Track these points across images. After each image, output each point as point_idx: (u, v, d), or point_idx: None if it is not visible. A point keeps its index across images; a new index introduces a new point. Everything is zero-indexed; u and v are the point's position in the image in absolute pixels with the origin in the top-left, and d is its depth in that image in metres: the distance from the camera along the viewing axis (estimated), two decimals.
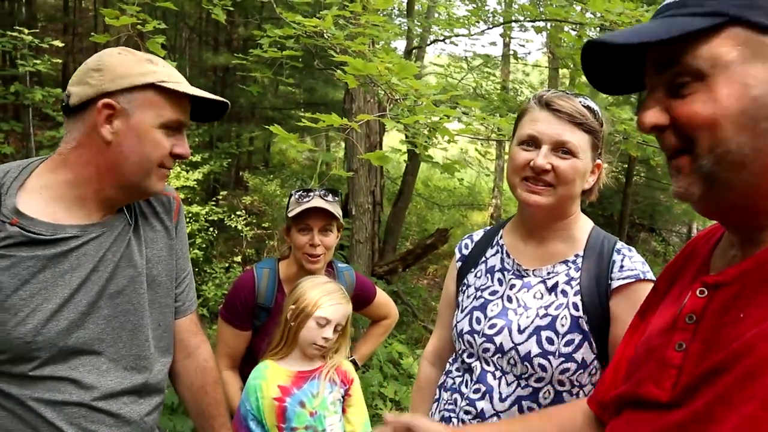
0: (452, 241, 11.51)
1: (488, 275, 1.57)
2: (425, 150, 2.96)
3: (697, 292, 0.83)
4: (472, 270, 1.62)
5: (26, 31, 5.88)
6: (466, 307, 1.56)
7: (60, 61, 7.20)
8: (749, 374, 0.69)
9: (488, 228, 1.73)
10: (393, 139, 10.40)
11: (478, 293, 1.56)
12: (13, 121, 8.02)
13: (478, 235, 1.71)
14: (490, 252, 1.61)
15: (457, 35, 6.92)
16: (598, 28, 4.16)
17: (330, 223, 2.10)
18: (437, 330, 1.78)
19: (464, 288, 1.62)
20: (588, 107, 1.44)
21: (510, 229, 1.61)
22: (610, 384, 1.05)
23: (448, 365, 1.64)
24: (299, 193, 2.12)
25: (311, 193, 2.10)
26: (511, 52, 9.55)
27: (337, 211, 2.10)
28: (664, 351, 0.83)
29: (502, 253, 1.57)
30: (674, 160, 0.81)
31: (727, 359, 0.72)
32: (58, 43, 6.20)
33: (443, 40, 7.61)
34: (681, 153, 0.79)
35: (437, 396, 1.63)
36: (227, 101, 1.41)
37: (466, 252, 1.68)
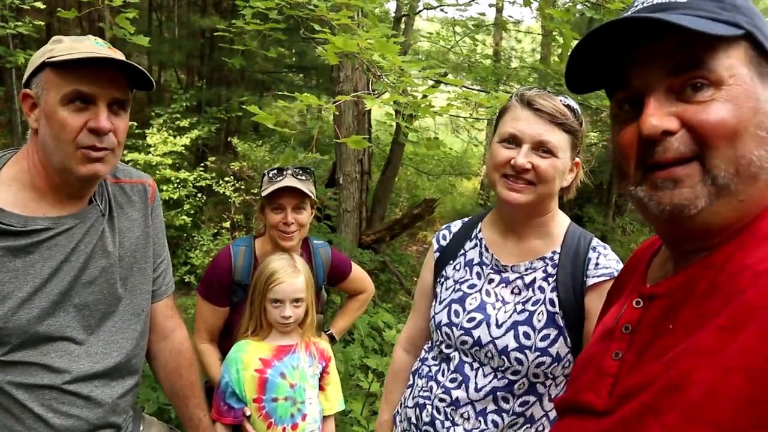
0: (441, 209, 11.55)
1: (467, 268, 1.60)
2: (408, 126, 2.95)
3: (634, 302, 0.85)
4: (451, 262, 1.65)
5: None
6: (444, 299, 1.59)
7: (43, 23, 7.04)
8: (674, 386, 0.70)
9: (466, 220, 1.75)
10: (382, 107, 10.31)
11: (457, 286, 1.59)
12: None
13: (456, 226, 1.73)
14: (468, 245, 1.64)
15: (446, 4, 6.81)
16: (587, 3, 4.11)
17: (303, 201, 2.13)
18: (412, 317, 1.81)
19: (442, 279, 1.64)
20: (568, 106, 1.45)
21: (488, 224, 1.63)
22: None
23: (423, 353, 1.68)
24: (272, 172, 2.15)
25: (284, 172, 2.13)
26: (507, 17, 9.43)
27: (309, 189, 2.13)
28: (602, 359, 0.85)
29: (481, 248, 1.60)
30: (676, 168, 0.75)
31: (657, 371, 0.73)
32: (39, 4, 6.05)
33: (434, 9, 7.49)
34: (686, 161, 0.74)
35: (411, 382, 1.67)
36: (134, 64, 1.30)
37: (444, 243, 1.70)
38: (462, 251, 1.64)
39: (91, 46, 1.28)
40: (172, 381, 1.66)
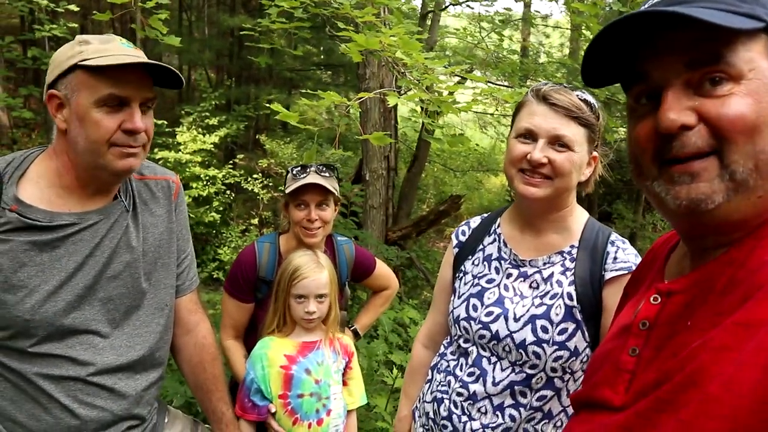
0: (468, 205, 11.50)
1: (485, 263, 1.61)
2: (432, 123, 2.95)
3: (651, 299, 0.84)
4: (470, 257, 1.65)
5: None
6: (462, 294, 1.60)
7: (76, 25, 7.21)
8: (690, 382, 0.70)
9: (485, 215, 1.75)
10: (405, 104, 10.30)
11: (475, 281, 1.59)
12: (32, 86, 8.10)
13: (475, 222, 1.74)
14: (487, 240, 1.64)
15: None
16: None
17: (326, 198, 2.15)
18: (431, 313, 1.83)
19: (461, 275, 1.65)
20: (585, 101, 1.45)
21: (507, 219, 1.64)
22: None
23: (442, 348, 1.69)
24: (296, 169, 2.16)
25: (307, 169, 2.14)
26: (534, 12, 9.32)
27: (333, 185, 2.14)
28: (619, 355, 0.85)
29: (500, 242, 1.60)
30: (694, 163, 0.74)
31: (674, 367, 0.73)
32: (74, 7, 6.21)
33: (459, 4, 7.44)
34: (704, 156, 0.74)
35: (430, 377, 1.68)
36: (167, 66, 1.35)
37: (463, 239, 1.71)
38: (481, 246, 1.65)
39: (120, 48, 1.31)
40: (196, 375, 1.70)
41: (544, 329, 1.44)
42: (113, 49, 1.30)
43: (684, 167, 0.74)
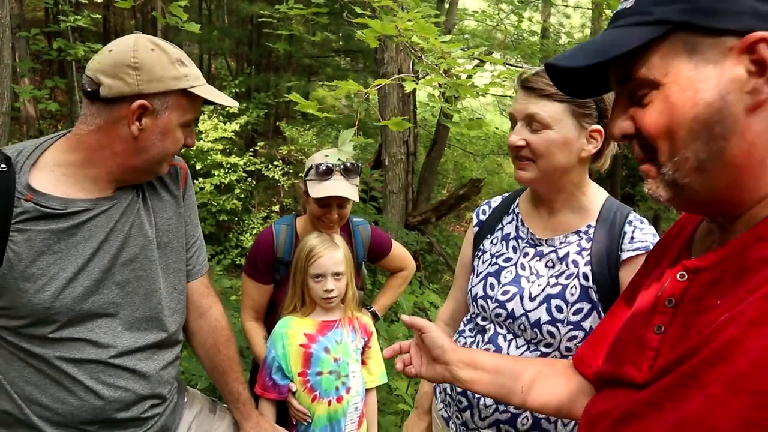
0: (488, 188, 11.44)
1: (503, 242, 1.62)
2: (450, 107, 2.96)
3: (678, 276, 0.84)
4: (489, 236, 1.67)
5: None
6: (480, 273, 1.62)
7: (100, 15, 7.31)
8: (717, 357, 0.70)
9: (506, 195, 1.76)
10: (422, 89, 10.26)
11: (493, 259, 1.61)
12: (57, 77, 8.24)
13: (496, 201, 1.75)
14: (506, 219, 1.66)
15: None
16: None
17: (348, 200, 2.16)
18: (453, 292, 1.85)
19: (480, 254, 1.67)
20: None
21: (525, 199, 1.65)
22: (589, 353, 1.09)
23: (462, 325, 1.71)
24: (322, 168, 2.13)
25: (333, 171, 2.12)
26: None
27: (355, 193, 2.15)
28: (644, 333, 0.85)
29: (518, 222, 1.62)
30: (643, 165, 0.82)
31: (700, 342, 0.73)
32: None
33: None
34: (647, 161, 0.81)
35: None
36: (236, 103, 1.54)
37: (483, 218, 1.73)
38: (500, 225, 1.66)
39: (201, 77, 1.46)
40: (211, 357, 1.73)
41: (559, 309, 1.44)
42: (199, 75, 1.45)
43: (641, 168, 0.84)
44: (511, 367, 1.20)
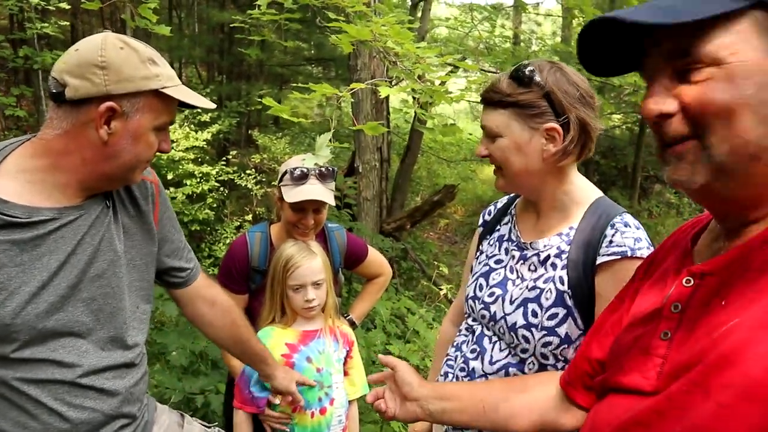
0: (462, 195, 11.50)
1: (498, 244, 1.62)
2: (424, 113, 2.95)
3: (683, 281, 0.83)
4: (488, 237, 1.67)
5: None
6: (475, 273, 1.63)
7: (67, 23, 7.16)
8: (725, 361, 0.68)
9: (511, 196, 1.74)
10: (397, 95, 10.28)
11: (486, 260, 1.61)
12: (23, 86, 8.04)
13: (501, 202, 1.74)
14: (504, 221, 1.66)
15: None
16: None
17: (324, 204, 2.12)
18: (460, 290, 1.88)
19: (478, 254, 1.68)
20: (516, 77, 1.38)
21: (521, 201, 1.65)
22: (581, 364, 1.07)
23: (462, 324, 1.72)
24: (297, 172, 2.09)
25: (308, 175, 2.08)
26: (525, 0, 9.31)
27: (331, 197, 2.11)
28: (650, 340, 0.83)
29: (512, 224, 1.61)
30: (677, 146, 0.77)
31: (706, 346, 0.72)
32: (64, 5, 6.14)
33: None
34: (686, 139, 0.76)
35: (448, 352, 1.71)
36: (214, 105, 1.46)
37: (487, 218, 1.73)
38: (498, 227, 1.66)
39: (176, 77, 1.38)
40: (233, 333, 1.77)
41: (534, 313, 1.41)
42: (173, 75, 1.36)
43: (672, 150, 0.79)
44: (478, 390, 1.23)
